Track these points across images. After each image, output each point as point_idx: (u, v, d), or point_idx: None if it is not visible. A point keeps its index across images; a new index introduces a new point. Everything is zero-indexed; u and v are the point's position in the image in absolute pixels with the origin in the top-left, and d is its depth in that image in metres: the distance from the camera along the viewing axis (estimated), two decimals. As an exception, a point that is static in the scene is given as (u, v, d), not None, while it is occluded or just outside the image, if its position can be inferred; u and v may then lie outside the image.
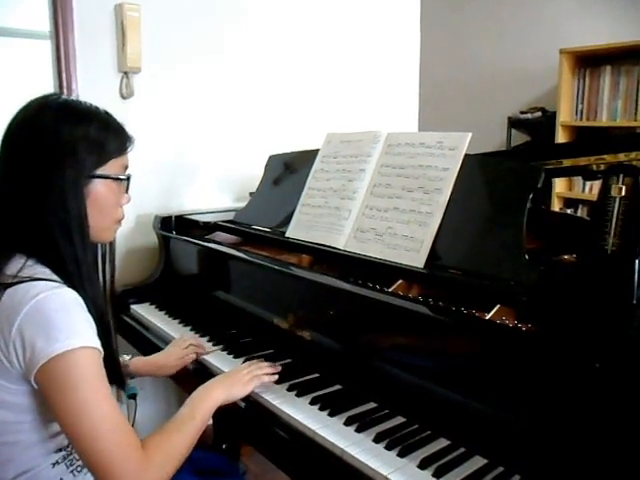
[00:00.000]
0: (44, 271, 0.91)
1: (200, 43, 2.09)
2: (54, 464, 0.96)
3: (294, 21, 2.33)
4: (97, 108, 1.01)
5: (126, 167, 1.05)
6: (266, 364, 1.23)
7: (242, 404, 1.17)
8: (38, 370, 0.84)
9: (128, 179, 1.04)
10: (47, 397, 0.86)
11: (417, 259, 1.22)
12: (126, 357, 1.35)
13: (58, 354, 0.83)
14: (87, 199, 0.96)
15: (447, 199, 1.23)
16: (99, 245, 1.08)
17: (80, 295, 0.91)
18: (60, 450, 0.97)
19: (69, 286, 0.90)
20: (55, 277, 0.91)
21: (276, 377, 1.20)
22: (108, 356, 0.96)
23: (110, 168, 0.99)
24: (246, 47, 2.21)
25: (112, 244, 1.10)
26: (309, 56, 2.39)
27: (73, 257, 0.93)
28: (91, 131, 0.96)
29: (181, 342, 1.40)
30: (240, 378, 1.15)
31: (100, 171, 0.97)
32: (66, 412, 0.85)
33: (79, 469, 0.99)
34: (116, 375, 1.05)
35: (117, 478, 0.85)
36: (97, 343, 0.89)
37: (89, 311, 0.92)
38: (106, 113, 1.02)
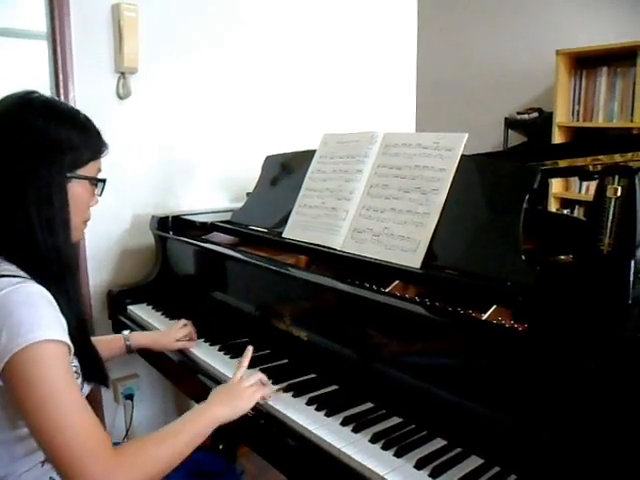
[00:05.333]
0: (9, 268, 0.90)
1: (197, 43, 2.09)
2: (43, 462, 0.96)
3: (291, 22, 2.33)
4: (78, 111, 1.04)
5: (99, 170, 1.07)
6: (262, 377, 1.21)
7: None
8: (4, 366, 0.83)
9: (104, 181, 1.07)
10: (12, 392, 0.84)
11: (414, 259, 1.22)
12: (125, 332, 1.45)
13: (21, 348, 0.82)
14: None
15: (444, 200, 1.24)
16: None
17: (58, 291, 0.91)
18: None
19: (43, 282, 0.90)
20: (21, 273, 0.90)
21: (280, 389, 1.18)
22: (87, 354, 0.96)
23: (88, 170, 1.02)
24: (244, 47, 2.21)
25: (78, 245, 1.10)
26: (306, 57, 2.39)
27: (56, 253, 0.93)
28: (74, 132, 0.98)
29: (177, 323, 1.51)
30: (243, 390, 1.10)
31: (80, 172, 1.00)
32: (28, 405, 0.82)
33: None
34: (97, 373, 1.03)
35: (81, 474, 0.81)
36: (63, 337, 0.87)
37: (67, 307, 0.91)
38: (85, 117, 1.04)
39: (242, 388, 1.11)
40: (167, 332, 1.48)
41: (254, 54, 2.24)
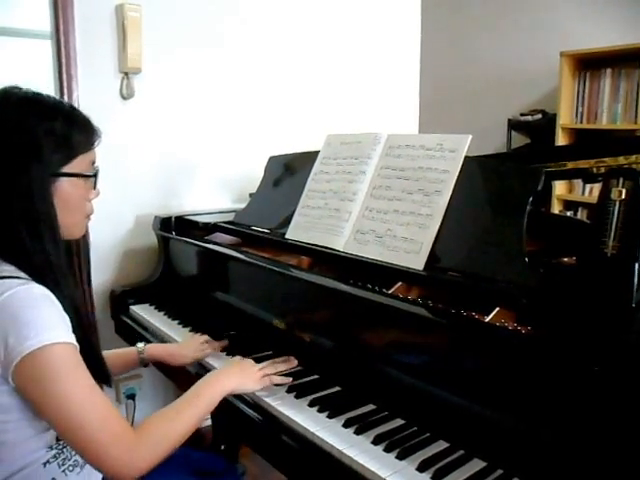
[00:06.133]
0: (9, 269, 0.89)
1: (201, 44, 2.10)
2: (45, 463, 0.95)
3: (295, 22, 2.33)
4: (61, 102, 0.98)
5: (93, 162, 1.01)
6: (281, 359, 1.26)
7: (241, 405, 1.17)
8: (14, 369, 0.84)
9: (95, 175, 1.01)
10: (26, 394, 0.86)
11: (417, 261, 1.22)
12: (140, 345, 1.37)
13: (30, 352, 0.83)
14: (55, 197, 0.93)
15: (447, 201, 1.23)
16: (72, 243, 1.06)
17: (55, 292, 0.90)
18: (51, 448, 0.95)
19: (39, 283, 0.89)
20: (21, 274, 0.89)
21: (289, 379, 1.21)
22: (89, 353, 0.95)
23: (77, 165, 0.96)
24: (247, 48, 2.21)
25: (85, 239, 1.08)
26: (310, 57, 2.39)
27: (44, 256, 0.91)
28: (56, 127, 0.92)
29: (198, 337, 1.44)
30: (253, 373, 1.16)
31: (67, 169, 0.94)
32: (48, 406, 0.85)
33: (71, 468, 0.98)
34: (100, 372, 1.02)
35: (107, 461, 0.86)
36: (70, 338, 0.88)
37: (64, 308, 0.90)
38: (71, 107, 0.99)
39: (254, 370, 1.17)
40: (185, 346, 1.41)
41: (258, 55, 2.24)
